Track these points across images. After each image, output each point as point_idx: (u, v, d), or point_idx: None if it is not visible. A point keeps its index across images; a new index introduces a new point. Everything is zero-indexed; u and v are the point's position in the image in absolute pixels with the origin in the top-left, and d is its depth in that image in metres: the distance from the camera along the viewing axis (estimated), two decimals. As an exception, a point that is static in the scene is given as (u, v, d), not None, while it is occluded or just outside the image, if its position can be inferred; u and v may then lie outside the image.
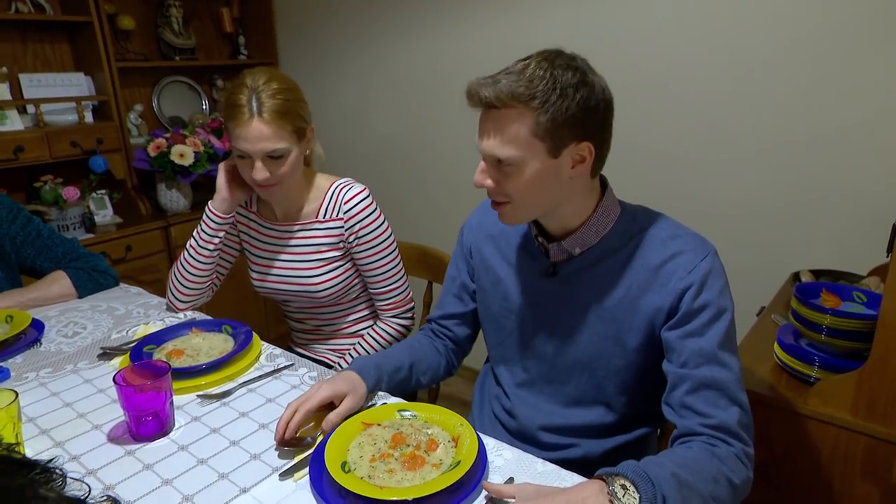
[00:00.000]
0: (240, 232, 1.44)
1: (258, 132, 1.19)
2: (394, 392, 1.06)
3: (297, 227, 1.36)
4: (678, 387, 0.87)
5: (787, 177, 1.71)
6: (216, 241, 1.36)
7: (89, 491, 0.49)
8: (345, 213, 1.31)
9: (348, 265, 1.37)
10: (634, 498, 0.71)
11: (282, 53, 2.97)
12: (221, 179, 1.33)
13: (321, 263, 1.35)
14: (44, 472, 0.47)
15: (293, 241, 1.37)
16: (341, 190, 1.33)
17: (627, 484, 0.73)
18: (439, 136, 2.48)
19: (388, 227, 1.36)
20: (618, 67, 1.93)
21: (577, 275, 0.98)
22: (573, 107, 0.83)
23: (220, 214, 1.33)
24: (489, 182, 0.91)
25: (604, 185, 0.97)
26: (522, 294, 1.04)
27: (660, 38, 1.84)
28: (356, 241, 1.32)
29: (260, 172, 1.22)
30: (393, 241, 1.37)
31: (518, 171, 0.87)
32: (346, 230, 1.32)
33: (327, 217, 1.33)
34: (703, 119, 1.82)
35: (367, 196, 1.33)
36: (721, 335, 0.87)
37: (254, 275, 1.42)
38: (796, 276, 1.48)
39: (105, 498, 0.48)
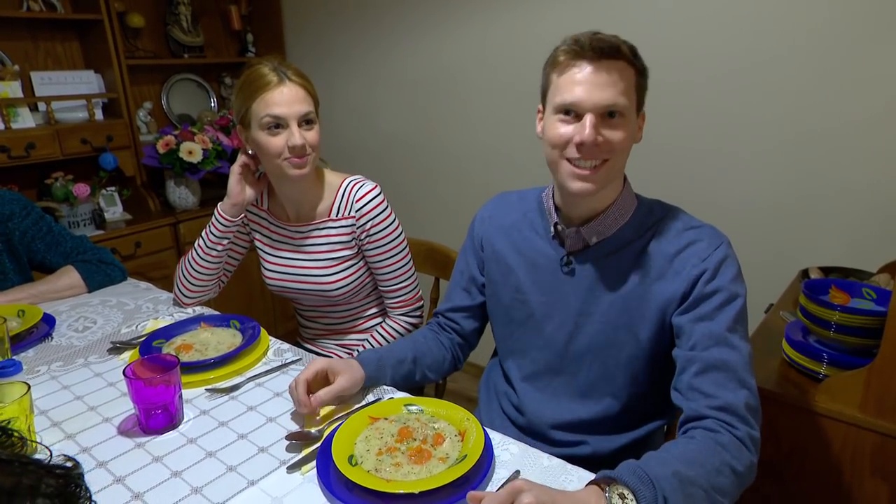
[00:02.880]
0: (251, 230, 1.45)
1: (292, 94, 1.21)
2: (400, 386, 1.07)
3: (309, 228, 1.36)
4: (686, 369, 0.87)
5: (796, 172, 1.70)
6: (224, 242, 1.36)
7: (51, 455, 0.51)
8: (356, 210, 1.31)
9: (361, 263, 1.37)
10: None
11: (290, 51, 2.98)
12: (233, 182, 1.32)
13: (335, 262, 1.35)
14: None
15: (306, 242, 1.37)
16: (353, 187, 1.33)
17: (626, 492, 0.69)
18: (447, 132, 2.48)
19: (398, 225, 1.36)
20: (626, 63, 1.92)
21: (591, 264, 0.98)
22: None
23: (229, 218, 1.34)
24: (600, 138, 0.88)
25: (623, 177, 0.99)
26: (535, 284, 1.04)
27: (667, 33, 1.83)
28: (367, 238, 1.32)
29: (298, 136, 1.21)
30: (403, 240, 1.37)
31: (625, 122, 0.89)
32: (357, 228, 1.32)
33: (339, 215, 1.33)
34: (712, 114, 1.81)
35: (379, 194, 1.33)
36: (731, 318, 0.87)
37: (266, 272, 1.43)
38: (805, 273, 1.47)
39: (64, 458, 0.50)
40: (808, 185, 1.69)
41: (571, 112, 0.89)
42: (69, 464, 0.50)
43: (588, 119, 0.87)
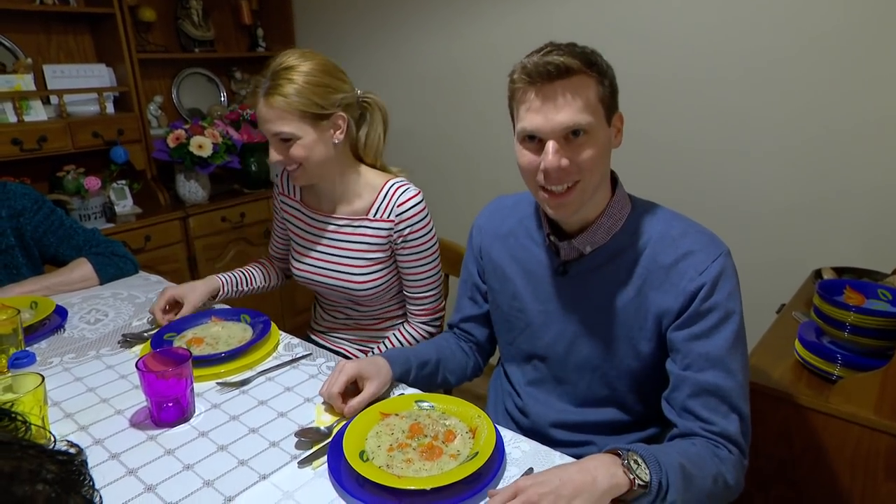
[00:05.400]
0: (284, 219, 1.45)
1: (264, 114, 1.21)
2: (419, 387, 1.06)
3: (345, 222, 1.34)
4: (680, 388, 0.87)
5: (810, 172, 1.69)
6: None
7: (54, 441, 0.51)
8: (397, 215, 1.28)
9: (391, 267, 1.35)
10: (646, 473, 0.74)
11: (300, 46, 2.98)
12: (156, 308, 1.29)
13: (366, 263, 1.33)
14: None
15: (340, 236, 1.35)
16: (396, 190, 1.30)
17: (639, 459, 0.75)
18: (457, 129, 2.48)
19: (434, 234, 1.34)
20: (638, 61, 1.91)
21: (587, 274, 0.96)
22: (614, 77, 0.88)
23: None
24: (565, 161, 0.85)
25: (614, 179, 0.97)
26: (532, 293, 1.03)
27: (681, 31, 1.82)
28: (403, 243, 1.30)
29: (272, 154, 1.24)
30: (437, 250, 1.35)
31: (592, 139, 0.85)
32: (394, 232, 1.30)
33: (378, 216, 1.31)
34: (726, 114, 1.80)
35: (421, 200, 1.30)
36: (729, 340, 0.86)
37: (295, 263, 1.42)
38: (818, 273, 1.46)
39: (67, 444, 0.50)
40: (822, 185, 1.67)
41: (535, 139, 0.87)
42: (72, 450, 0.49)
43: (550, 146, 0.85)
